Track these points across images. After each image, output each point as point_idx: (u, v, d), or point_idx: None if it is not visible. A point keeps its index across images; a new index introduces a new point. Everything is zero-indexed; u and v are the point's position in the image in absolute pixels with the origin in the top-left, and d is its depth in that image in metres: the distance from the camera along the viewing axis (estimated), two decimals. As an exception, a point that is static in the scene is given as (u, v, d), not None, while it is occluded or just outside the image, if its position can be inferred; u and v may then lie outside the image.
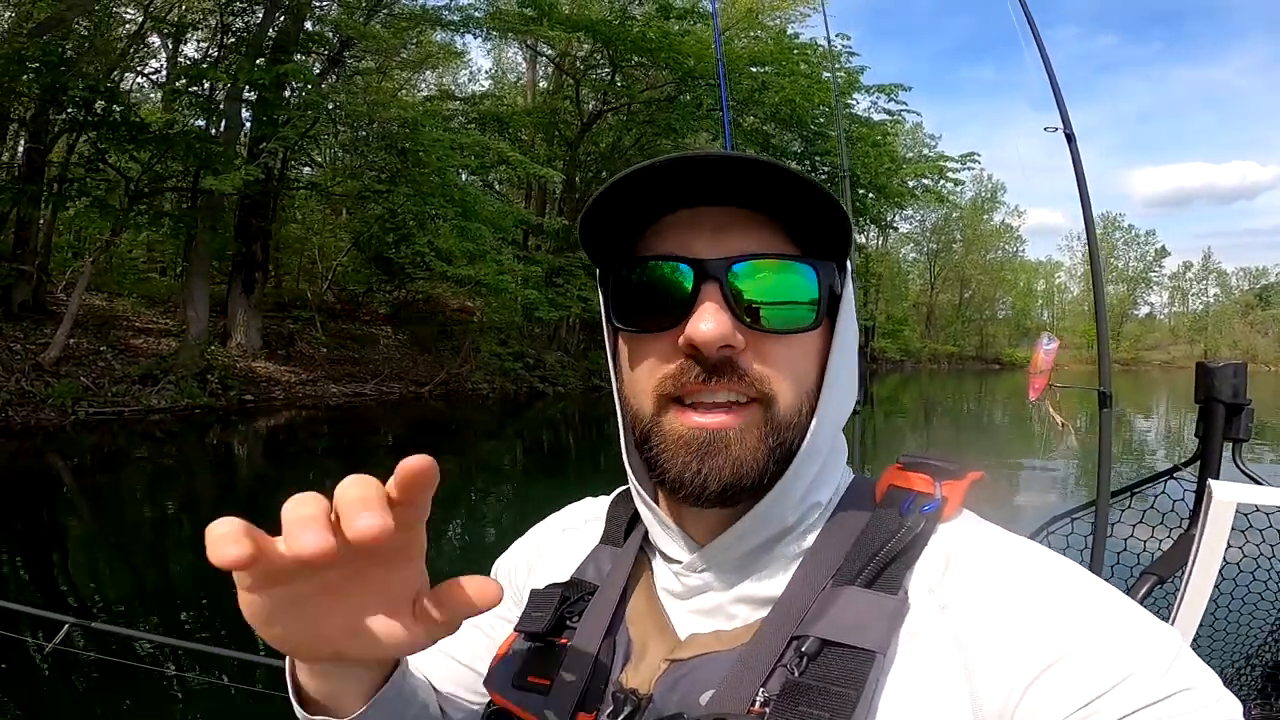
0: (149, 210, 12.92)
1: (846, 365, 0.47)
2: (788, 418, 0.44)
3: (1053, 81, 2.14)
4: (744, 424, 0.43)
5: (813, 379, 0.45)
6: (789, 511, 0.45)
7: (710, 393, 0.43)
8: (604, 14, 18.20)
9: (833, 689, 0.38)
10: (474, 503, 7.42)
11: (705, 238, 0.44)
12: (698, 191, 0.43)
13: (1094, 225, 2.02)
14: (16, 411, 9.75)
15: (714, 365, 0.42)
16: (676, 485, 0.43)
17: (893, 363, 44.08)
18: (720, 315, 0.41)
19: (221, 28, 14.07)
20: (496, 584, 0.40)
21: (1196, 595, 1.47)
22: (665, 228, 0.45)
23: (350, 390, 14.51)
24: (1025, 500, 5.65)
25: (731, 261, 0.42)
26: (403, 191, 14.36)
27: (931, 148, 37.93)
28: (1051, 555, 0.43)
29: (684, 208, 0.44)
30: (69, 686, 3.01)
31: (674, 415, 0.43)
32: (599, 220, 0.44)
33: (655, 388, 0.44)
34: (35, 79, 10.64)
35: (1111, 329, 35.14)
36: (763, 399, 0.43)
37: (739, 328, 0.42)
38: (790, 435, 0.44)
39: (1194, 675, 0.37)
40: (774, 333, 0.43)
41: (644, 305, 0.45)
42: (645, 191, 0.43)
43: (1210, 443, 1.57)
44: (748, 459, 0.42)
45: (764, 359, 0.43)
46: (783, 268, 0.43)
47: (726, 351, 0.42)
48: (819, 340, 0.46)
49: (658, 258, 0.44)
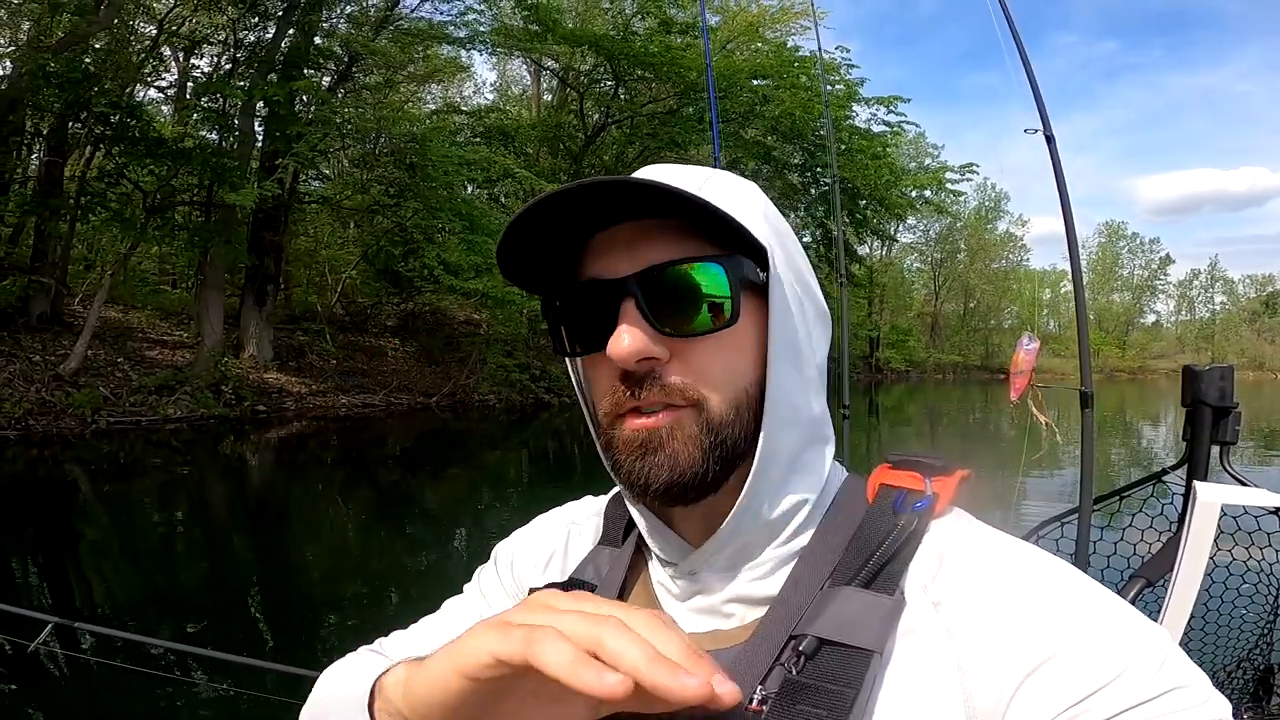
0: (165, 224, 13.13)
1: (787, 352, 0.45)
2: (723, 417, 0.44)
3: (1032, 82, 2.12)
4: (674, 422, 0.43)
5: (750, 376, 0.45)
6: (766, 508, 0.45)
7: (646, 404, 0.44)
8: (607, 29, 18.46)
9: (830, 688, 0.39)
10: (481, 512, 7.47)
11: (621, 255, 0.44)
12: (608, 212, 0.44)
13: (1074, 226, 2.03)
14: (38, 420, 9.96)
15: (641, 378, 0.43)
16: (629, 483, 0.45)
17: (898, 373, 43.81)
18: (635, 330, 0.42)
19: (234, 43, 14.36)
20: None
21: (1183, 596, 1.47)
22: (590, 249, 0.46)
23: (359, 401, 14.63)
24: (1028, 505, 5.68)
25: (640, 274, 0.43)
26: (411, 205, 14.53)
27: (934, 157, 38.06)
28: (1044, 555, 0.43)
29: (601, 229, 0.45)
30: (55, 687, 3.01)
31: (622, 423, 0.45)
32: (516, 251, 0.45)
33: (604, 408, 0.46)
34: (58, 94, 10.87)
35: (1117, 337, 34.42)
36: (691, 403, 0.44)
37: (658, 338, 0.43)
38: (730, 434, 0.44)
39: (1184, 674, 0.37)
40: (692, 336, 0.44)
41: (574, 331, 0.47)
42: (555, 221, 0.44)
43: (1198, 446, 1.58)
44: (683, 457, 0.43)
45: (689, 364, 0.44)
46: (688, 272, 0.44)
47: (649, 364, 0.43)
48: (752, 332, 0.45)
49: (581, 282, 0.46)
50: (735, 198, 0.47)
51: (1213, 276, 65.96)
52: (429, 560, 5.88)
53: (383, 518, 7.15)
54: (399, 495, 8.06)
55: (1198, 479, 1.57)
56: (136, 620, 4.01)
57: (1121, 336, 59.46)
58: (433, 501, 7.94)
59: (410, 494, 8.16)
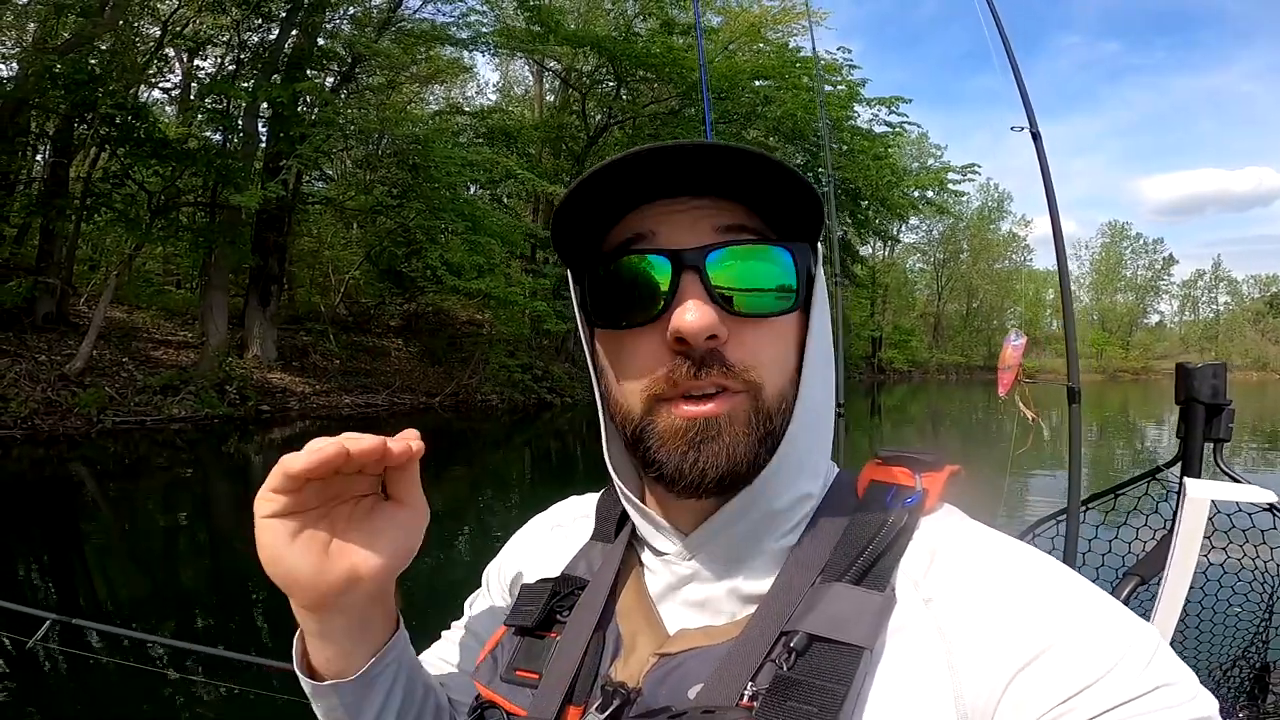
0: (170, 225, 13.20)
1: (823, 349, 0.46)
2: (774, 403, 0.43)
3: (1018, 78, 2.11)
4: (732, 410, 0.42)
5: (793, 364, 0.45)
6: (777, 498, 0.45)
7: (700, 385, 0.42)
8: (608, 30, 18.50)
9: (820, 684, 0.39)
10: (483, 512, 7.50)
11: (679, 228, 0.43)
12: (669, 183, 0.43)
13: (1060, 221, 2.04)
14: (44, 420, 10.04)
15: (701, 357, 0.42)
16: (676, 477, 0.43)
17: (900, 373, 43.75)
18: (704, 306, 0.41)
19: (238, 44, 14.43)
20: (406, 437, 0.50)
21: (1174, 593, 1.49)
22: (637, 221, 0.44)
23: (362, 401, 14.68)
24: (1028, 502, 5.68)
25: (708, 250, 0.42)
26: (414, 206, 14.57)
27: (937, 158, 38.02)
28: (1034, 552, 0.43)
29: (657, 200, 0.44)
30: (54, 684, 3.00)
31: (666, 409, 0.43)
32: (572, 218, 0.44)
33: (645, 388, 0.43)
34: (64, 95, 10.93)
35: (1120, 338, 34.42)
36: (749, 387, 0.43)
37: (722, 317, 0.42)
38: (777, 421, 0.44)
39: (1172, 672, 0.37)
40: (756, 318, 0.43)
41: (623, 301, 0.44)
42: (618, 186, 0.42)
43: (1191, 443, 1.59)
44: (740, 445, 0.42)
45: (747, 346, 0.43)
46: (758, 253, 0.43)
47: (713, 342, 0.42)
48: (796, 325, 0.45)
49: (633, 252, 0.43)
50: None
51: (1217, 277, 65.73)
52: (431, 560, 5.90)
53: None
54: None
55: (1190, 475, 1.58)
56: (140, 619, 4.01)
57: (1125, 337, 59.26)
58: (435, 501, 7.80)
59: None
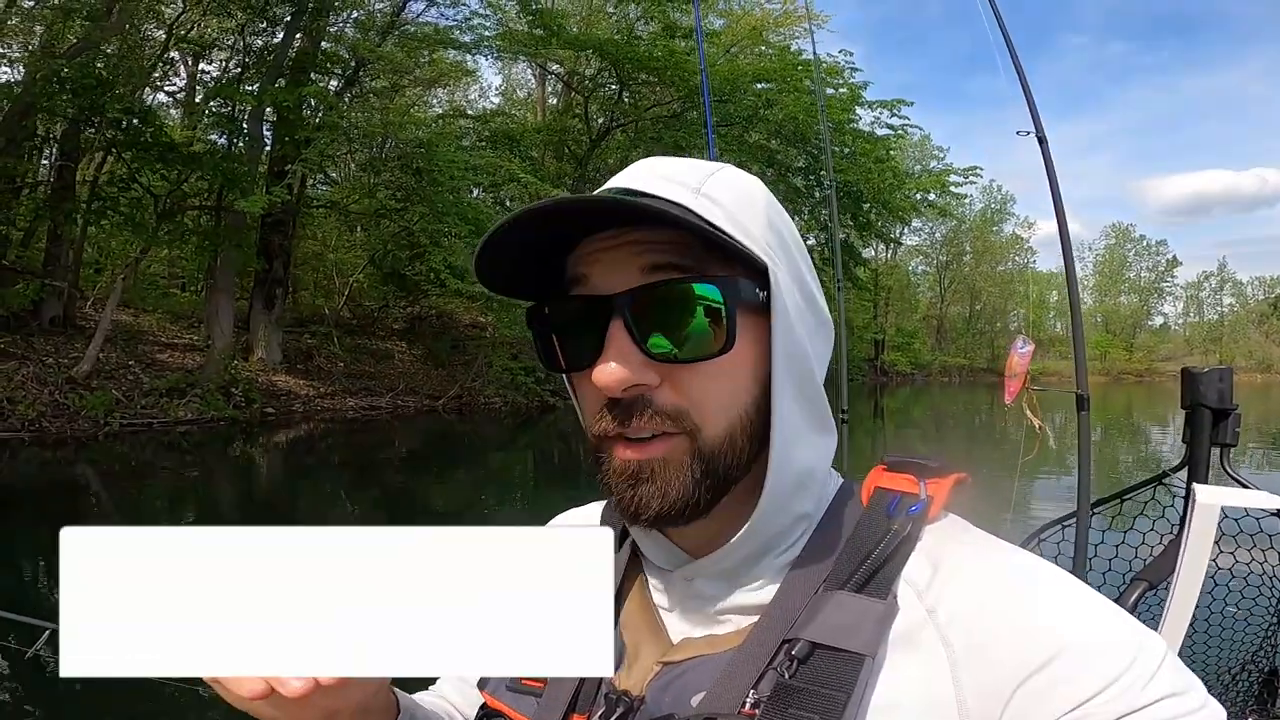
0: (176, 228, 13.29)
1: (794, 371, 0.44)
2: (717, 445, 0.42)
3: (1023, 82, 2.07)
4: (668, 453, 0.42)
5: (747, 398, 0.43)
6: (771, 526, 0.45)
7: (637, 430, 0.42)
8: (610, 33, 18.55)
9: (822, 691, 0.39)
10: (487, 514, 7.51)
11: (610, 269, 0.42)
12: (601, 218, 0.42)
13: (1067, 226, 2.04)
14: (51, 422, 10.11)
15: (628, 405, 0.41)
16: (624, 510, 0.44)
17: (903, 375, 43.72)
18: (625, 356, 0.40)
19: (243, 47, 14.51)
20: None
21: (1184, 599, 1.47)
22: (583, 256, 0.44)
23: (366, 404, 14.73)
24: (1034, 508, 5.68)
25: (631, 293, 0.41)
26: (417, 209, 14.63)
27: (940, 160, 38.03)
28: (1038, 561, 0.43)
29: (595, 233, 0.43)
30: (55, 693, 2.98)
31: (611, 446, 0.44)
32: (499, 263, 0.43)
33: (592, 427, 0.45)
34: (71, 99, 11.02)
35: (1124, 340, 34.32)
36: (687, 430, 0.42)
37: (647, 364, 0.41)
38: (724, 462, 0.43)
39: (1179, 681, 0.37)
40: (686, 362, 0.42)
41: (565, 346, 0.45)
42: (544, 227, 0.42)
43: (1197, 448, 1.58)
44: (674, 488, 0.42)
45: (681, 390, 0.42)
46: (683, 293, 0.41)
47: (638, 390, 0.41)
48: (749, 356, 0.43)
49: (569, 298, 0.44)
50: (738, 198, 0.45)
51: (1222, 279, 65.55)
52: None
53: (390, 519, 7.19)
54: (406, 497, 8.10)
55: (1197, 481, 1.57)
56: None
57: (1129, 339, 59.11)
58: (439, 503, 7.97)
59: (417, 495, 8.22)
